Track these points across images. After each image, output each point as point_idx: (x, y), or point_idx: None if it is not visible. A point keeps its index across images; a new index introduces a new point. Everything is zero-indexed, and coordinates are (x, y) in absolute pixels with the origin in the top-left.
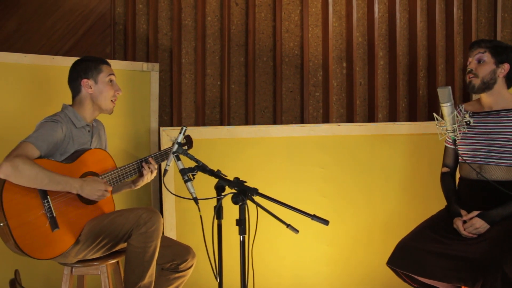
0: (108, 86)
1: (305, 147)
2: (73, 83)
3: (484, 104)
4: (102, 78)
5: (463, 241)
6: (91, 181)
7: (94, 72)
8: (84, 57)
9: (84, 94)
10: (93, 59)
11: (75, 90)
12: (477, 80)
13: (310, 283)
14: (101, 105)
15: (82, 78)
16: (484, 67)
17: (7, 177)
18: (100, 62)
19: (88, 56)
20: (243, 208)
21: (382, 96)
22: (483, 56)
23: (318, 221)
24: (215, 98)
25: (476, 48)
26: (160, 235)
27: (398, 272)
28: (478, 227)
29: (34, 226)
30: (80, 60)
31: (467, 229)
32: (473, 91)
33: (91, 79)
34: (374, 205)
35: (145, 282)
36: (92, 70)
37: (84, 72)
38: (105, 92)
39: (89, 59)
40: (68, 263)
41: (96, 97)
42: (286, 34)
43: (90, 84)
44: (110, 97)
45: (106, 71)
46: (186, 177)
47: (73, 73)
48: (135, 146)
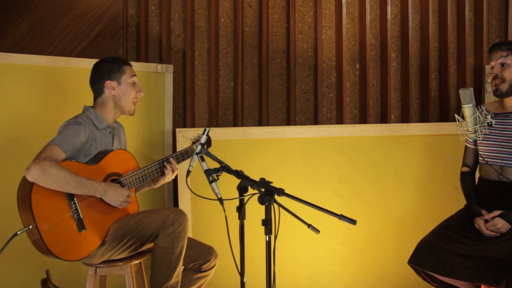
0: (131, 87)
1: (320, 148)
2: (95, 84)
3: (506, 106)
4: (125, 80)
5: (484, 241)
6: (115, 186)
7: (118, 74)
8: (107, 58)
9: (107, 96)
10: (116, 60)
11: (98, 91)
12: (505, 85)
13: (324, 282)
14: (124, 106)
15: (106, 80)
16: (510, 70)
17: (36, 180)
18: (123, 63)
19: (111, 56)
20: (269, 208)
21: (395, 97)
22: (506, 59)
23: (345, 221)
24: (229, 99)
25: (497, 51)
26: (187, 235)
27: (419, 271)
28: (500, 227)
29: (62, 228)
30: (103, 61)
31: (488, 228)
32: (502, 96)
33: (115, 80)
34: (388, 205)
35: (172, 282)
36: (116, 72)
37: (107, 74)
38: (128, 94)
39: (112, 60)
40: (93, 264)
41: (119, 99)
42: (299, 35)
43: (113, 86)
44: (132, 99)
45: (129, 73)
46: (211, 177)
47: (96, 74)
48: (150, 148)
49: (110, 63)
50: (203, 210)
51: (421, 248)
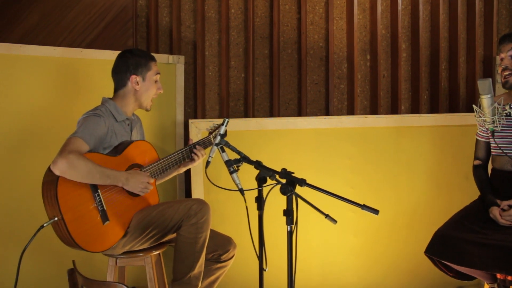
0: (153, 84)
1: (332, 139)
2: (119, 76)
3: None
4: (150, 76)
5: (500, 231)
6: (135, 173)
7: (144, 69)
8: (135, 51)
9: (129, 89)
10: (145, 54)
11: (120, 83)
12: None
13: (337, 271)
14: (143, 102)
15: (132, 74)
16: None
17: (63, 173)
18: (150, 59)
19: (139, 50)
20: (290, 199)
21: (405, 88)
22: None
23: (368, 211)
24: (239, 90)
25: (508, 43)
26: (210, 225)
27: (435, 261)
28: None
29: (87, 219)
30: (131, 53)
31: (504, 217)
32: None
33: (140, 75)
34: (399, 196)
35: (195, 272)
36: (143, 67)
37: (134, 68)
38: (150, 91)
39: (140, 54)
40: (114, 254)
41: (141, 94)
42: (310, 26)
43: (137, 81)
44: (152, 95)
45: (155, 70)
46: (232, 168)
47: (122, 66)
48: (162, 139)
49: (138, 57)
50: (216, 201)
51: (438, 238)
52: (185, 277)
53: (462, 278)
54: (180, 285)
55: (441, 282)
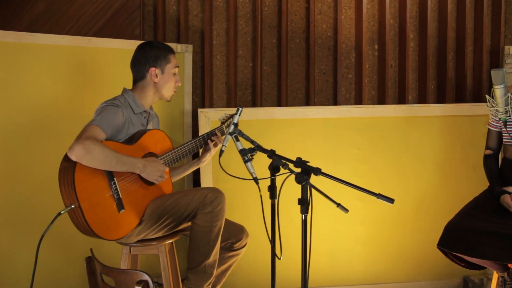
0: (172, 77)
1: (341, 129)
2: (138, 68)
3: None
4: (169, 69)
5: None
6: (152, 161)
7: (163, 62)
8: (155, 43)
9: (148, 81)
10: (164, 47)
11: (140, 75)
12: None
13: (344, 259)
14: (164, 94)
15: (151, 66)
16: None
17: (79, 159)
18: (169, 52)
19: (159, 42)
20: (305, 188)
21: (412, 78)
22: None
23: (383, 200)
24: (247, 79)
25: None
26: (225, 214)
27: (447, 253)
28: None
29: (103, 207)
30: (150, 45)
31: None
32: None
33: (159, 68)
34: (407, 186)
35: (210, 260)
36: (162, 59)
37: (153, 60)
38: (170, 83)
39: (160, 47)
40: (128, 243)
41: (160, 87)
42: (319, 16)
43: (156, 73)
44: (173, 88)
45: (174, 62)
46: (246, 157)
47: (141, 58)
48: (170, 128)
49: (157, 50)
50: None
51: (449, 231)
52: (200, 266)
53: (473, 268)
54: (195, 273)
55: (447, 271)
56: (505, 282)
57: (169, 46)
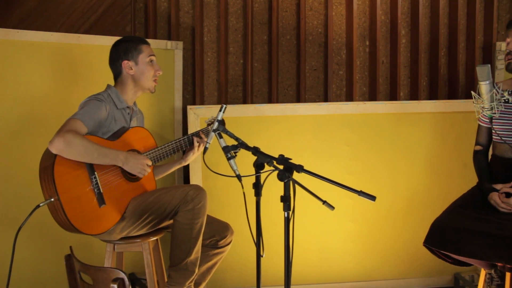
0: (148, 66)
1: (331, 125)
2: (114, 65)
3: None
4: (143, 59)
5: (499, 218)
6: (135, 155)
7: (135, 53)
8: (124, 38)
9: (125, 75)
10: (133, 39)
11: (116, 71)
12: None
13: (334, 257)
14: (144, 85)
15: (123, 60)
16: None
17: (60, 151)
18: (140, 42)
19: (128, 36)
20: (288, 185)
21: (404, 75)
22: None
23: (365, 197)
24: (238, 76)
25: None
26: (206, 211)
27: (434, 251)
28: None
29: (83, 201)
30: (120, 41)
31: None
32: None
33: (132, 60)
34: (398, 183)
35: (192, 258)
36: (132, 51)
37: (124, 53)
38: (147, 73)
39: (129, 40)
40: (112, 240)
41: (138, 78)
42: (310, 12)
43: (130, 65)
44: (152, 77)
45: (146, 52)
46: (229, 154)
47: (114, 54)
48: (160, 125)
49: (127, 43)
50: (214, 188)
51: (436, 229)
52: (182, 263)
53: (460, 265)
54: (177, 271)
55: (438, 268)
56: (492, 279)
57: (140, 37)
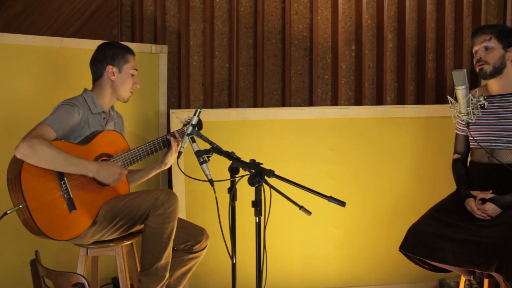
0: (129, 78)
1: (315, 130)
2: (96, 66)
3: (492, 89)
4: (127, 69)
5: (474, 225)
6: (107, 164)
7: (121, 61)
8: (114, 43)
9: (105, 80)
10: (123, 47)
11: (97, 73)
12: (488, 66)
13: (319, 264)
14: (120, 94)
15: (108, 64)
16: (493, 53)
17: (24, 157)
18: (128, 52)
19: (118, 42)
20: (259, 190)
21: (391, 79)
22: (490, 43)
23: (334, 203)
24: (224, 80)
25: (480, 34)
26: (177, 216)
27: (410, 257)
28: (490, 213)
29: (52, 207)
30: (109, 44)
31: (479, 210)
32: (485, 77)
33: (116, 67)
34: (382, 188)
35: (162, 262)
36: (119, 58)
37: (111, 58)
38: (126, 83)
39: (118, 46)
40: (84, 244)
41: (117, 86)
42: (295, 16)
43: (114, 71)
44: (130, 89)
45: (132, 63)
46: (202, 159)
47: (100, 55)
48: (144, 129)
49: (116, 48)
50: (197, 192)
51: (411, 234)
52: (152, 268)
53: (438, 271)
54: (147, 275)
55: (423, 274)
56: (472, 285)
57: (129, 47)
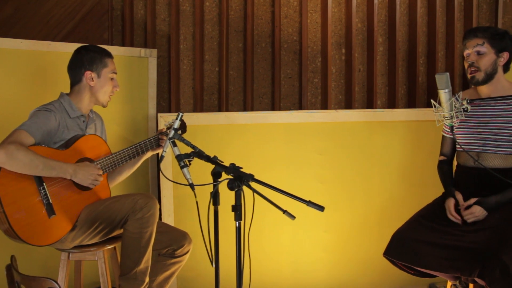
0: (109, 81)
1: (303, 134)
2: (74, 71)
3: (481, 93)
4: (106, 74)
5: (459, 230)
6: (84, 165)
7: (100, 66)
8: (91, 47)
9: (83, 85)
10: (100, 50)
11: (75, 78)
12: (480, 73)
13: (308, 269)
14: (99, 98)
15: (86, 69)
16: (485, 58)
17: (2, 164)
18: (106, 56)
19: (95, 46)
20: (239, 194)
21: (381, 83)
22: (482, 48)
23: (313, 207)
24: (214, 84)
25: (473, 38)
26: (156, 220)
27: (395, 262)
28: (478, 215)
29: (31, 213)
30: (86, 49)
31: (465, 217)
32: (478, 84)
33: (95, 72)
34: (371, 192)
35: (141, 267)
36: (98, 63)
37: (89, 63)
38: (106, 88)
39: (96, 50)
40: (65, 249)
41: (96, 91)
42: (285, 19)
43: (92, 77)
44: (109, 93)
45: (111, 67)
46: (182, 163)
47: (77, 61)
48: (133, 133)
49: (93, 53)
50: (185, 196)
51: (396, 240)
52: (131, 272)
53: (424, 276)
54: (127, 280)
55: (413, 279)
56: None
57: (106, 50)
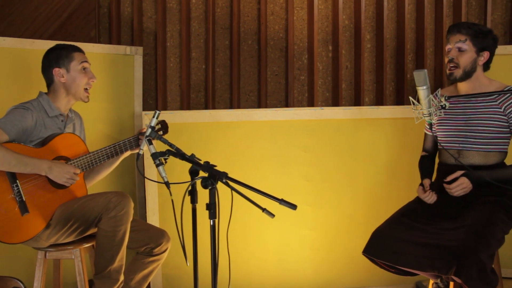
0: (81, 74)
1: (289, 131)
2: (45, 72)
3: (461, 89)
4: (74, 66)
5: (439, 228)
6: (60, 163)
7: (66, 60)
8: (56, 45)
9: (57, 83)
10: (65, 46)
11: (48, 79)
12: (459, 70)
13: (294, 268)
14: (75, 93)
15: (54, 67)
16: (465, 56)
17: None
18: (71, 50)
19: (61, 43)
20: (213, 193)
21: (369, 80)
22: (464, 44)
23: (286, 206)
24: (200, 82)
25: (456, 33)
26: (130, 219)
27: (374, 260)
28: (465, 187)
29: (3, 210)
30: (52, 49)
31: (453, 190)
32: (455, 81)
33: (63, 67)
34: (357, 189)
35: (115, 265)
36: (64, 59)
37: (55, 61)
38: (78, 80)
39: (61, 47)
40: (41, 247)
41: (69, 86)
42: (271, 16)
43: (62, 73)
44: (84, 85)
45: (78, 59)
46: (158, 161)
47: (45, 62)
48: (119, 131)
49: (59, 50)
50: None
51: (375, 238)
52: (105, 271)
53: (404, 274)
54: (101, 278)
55: (399, 277)
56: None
57: (73, 45)
